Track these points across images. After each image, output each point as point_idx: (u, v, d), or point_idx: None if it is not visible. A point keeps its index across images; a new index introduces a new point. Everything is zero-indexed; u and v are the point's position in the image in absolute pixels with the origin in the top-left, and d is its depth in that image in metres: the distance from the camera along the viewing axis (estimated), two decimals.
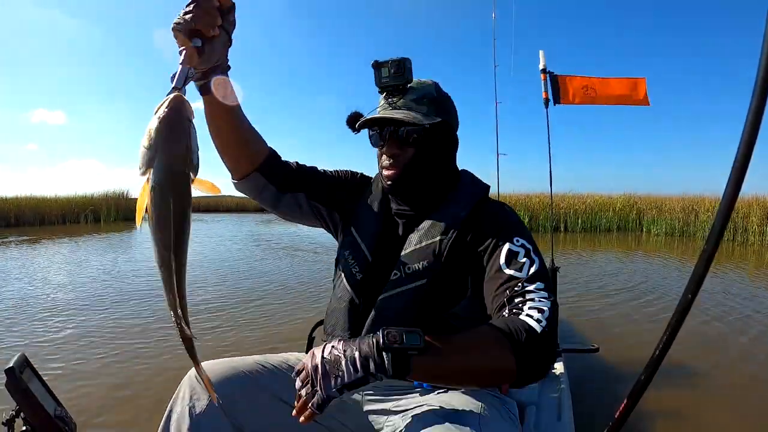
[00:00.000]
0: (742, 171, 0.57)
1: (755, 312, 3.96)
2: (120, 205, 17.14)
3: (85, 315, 3.70)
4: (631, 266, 6.64)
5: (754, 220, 10.32)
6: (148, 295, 4.41)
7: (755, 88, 0.55)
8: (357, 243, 0.99)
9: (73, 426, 0.91)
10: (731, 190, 0.59)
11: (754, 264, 7.28)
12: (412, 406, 0.89)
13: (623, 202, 13.89)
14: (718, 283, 5.21)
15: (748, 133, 0.56)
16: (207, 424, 0.84)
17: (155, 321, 3.52)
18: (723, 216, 0.60)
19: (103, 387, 2.35)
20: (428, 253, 0.90)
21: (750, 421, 2.09)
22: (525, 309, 0.75)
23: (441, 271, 0.88)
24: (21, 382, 0.81)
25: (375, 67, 0.93)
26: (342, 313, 0.96)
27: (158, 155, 0.58)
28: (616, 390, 2.28)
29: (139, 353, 2.83)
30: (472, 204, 0.94)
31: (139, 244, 9.60)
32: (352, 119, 0.99)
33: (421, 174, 0.95)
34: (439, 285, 0.89)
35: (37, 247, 8.53)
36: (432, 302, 0.88)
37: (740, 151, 0.57)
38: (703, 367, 2.68)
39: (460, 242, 0.90)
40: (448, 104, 0.98)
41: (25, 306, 3.97)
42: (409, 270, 0.90)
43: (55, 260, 6.86)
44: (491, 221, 0.90)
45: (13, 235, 10.89)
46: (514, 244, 0.84)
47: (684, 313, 0.65)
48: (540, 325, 0.73)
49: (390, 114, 0.90)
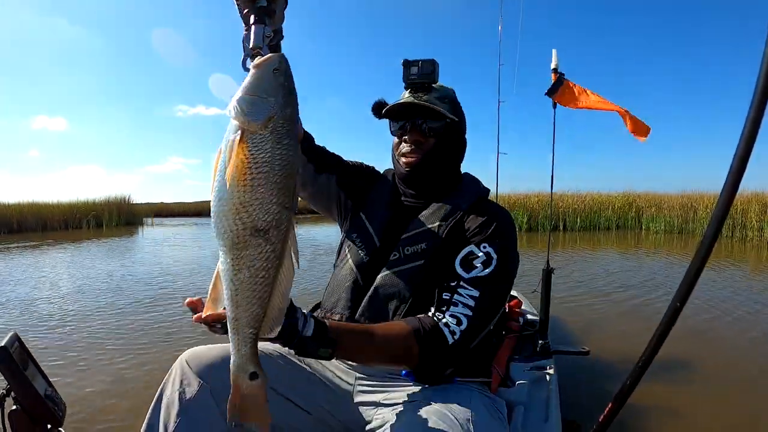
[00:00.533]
0: (735, 186, 0.57)
1: (754, 310, 3.95)
2: (122, 209, 17.24)
3: (90, 320, 3.75)
4: (629, 266, 6.61)
5: (752, 216, 10.33)
6: (153, 297, 4.48)
7: (756, 89, 0.54)
8: (366, 227, 1.04)
9: (62, 406, 0.91)
10: (725, 198, 0.58)
11: (754, 262, 7.24)
12: (401, 400, 0.91)
13: (622, 200, 13.90)
14: (716, 280, 5.20)
15: (743, 149, 0.55)
16: (196, 409, 0.85)
17: (156, 320, 3.59)
18: (714, 229, 0.59)
19: (102, 383, 2.40)
20: (427, 237, 0.95)
21: (741, 419, 2.09)
22: (446, 315, 0.85)
23: (437, 253, 0.93)
24: (12, 361, 0.80)
25: (405, 65, 1.00)
26: (345, 291, 0.99)
27: (285, 106, 0.58)
28: (605, 392, 2.25)
29: (142, 355, 2.87)
30: (473, 200, 1.00)
31: (140, 248, 9.68)
32: (378, 106, 1.05)
33: (437, 165, 1.02)
34: (434, 266, 0.93)
35: (40, 253, 8.59)
36: (427, 282, 0.93)
37: (734, 165, 0.56)
38: (694, 365, 2.69)
39: (457, 230, 0.95)
40: (461, 110, 1.06)
41: (30, 309, 4.03)
42: (408, 251, 0.95)
43: (59, 265, 6.93)
44: (478, 220, 0.95)
45: (16, 241, 10.96)
46: (480, 248, 0.90)
47: (671, 321, 0.66)
48: (453, 337, 0.83)
49: (423, 101, 0.97)
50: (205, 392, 0.86)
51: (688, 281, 0.63)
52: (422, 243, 0.95)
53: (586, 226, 13.51)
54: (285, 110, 0.58)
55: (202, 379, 0.86)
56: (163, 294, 4.64)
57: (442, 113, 0.96)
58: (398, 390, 0.94)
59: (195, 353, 0.91)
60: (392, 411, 0.89)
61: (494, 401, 0.96)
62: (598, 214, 13.63)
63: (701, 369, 2.65)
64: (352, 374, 0.99)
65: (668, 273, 5.94)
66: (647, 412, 2.05)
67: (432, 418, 0.78)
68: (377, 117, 1.06)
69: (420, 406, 0.84)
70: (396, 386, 0.95)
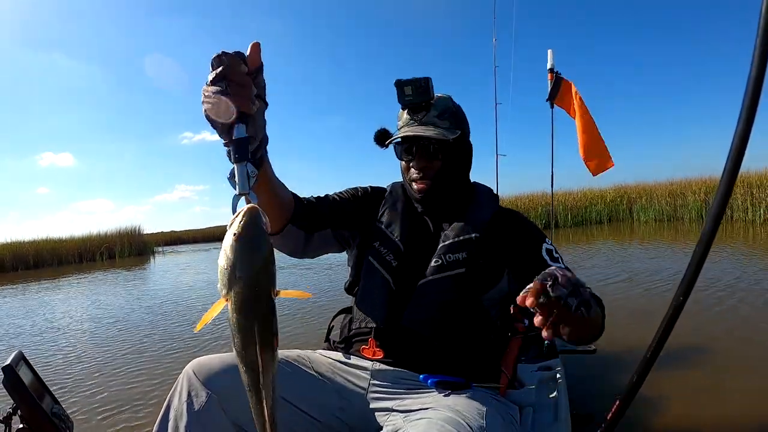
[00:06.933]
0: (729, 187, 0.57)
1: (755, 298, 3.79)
2: (133, 240, 17.83)
3: (99, 341, 3.91)
4: (628, 261, 6.48)
5: (738, 197, 10.49)
6: (159, 319, 4.80)
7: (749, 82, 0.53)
8: (387, 236, 1.05)
9: (70, 424, 0.89)
10: (719, 203, 0.58)
11: (743, 243, 7.17)
12: (414, 407, 0.90)
13: (614, 193, 14.05)
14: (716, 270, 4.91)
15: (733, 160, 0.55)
16: (205, 419, 0.83)
17: (166, 341, 3.90)
18: (713, 219, 0.58)
19: (110, 400, 2.45)
20: (466, 247, 0.99)
21: (749, 412, 2.03)
22: None
23: (477, 262, 0.98)
24: (17, 380, 0.79)
25: (398, 86, 0.98)
26: (378, 296, 1.00)
27: (238, 275, 0.52)
28: (612, 390, 2.21)
29: (151, 373, 2.90)
30: (493, 211, 1.07)
31: (150, 275, 10.21)
32: (380, 136, 1.07)
33: (448, 183, 1.05)
34: (474, 273, 0.98)
35: (55, 287, 9.06)
36: (468, 287, 0.98)
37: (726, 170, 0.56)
38: (702, 360, 2.64)
39: (490, 239, 1.01)
40: (462, 114, 1.06)
41: (42, 335, 4.33)
42: (450, 258, 0.98)
43: (72, 297, 7.41)
44: (517, 225, 1.05)
45: (33, 276, 11.35)
46: (547, 244, 1.00)
47: (674, 316, 0.64)
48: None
49: (422, 132, 0.99)
50: (214, 402, 0.85)
51: (689, 275, 0.61)
52: (462, 252, 0.98)
53: (578, 221, 13.62)
54: (248, 278, 0.53)
55: (209, 389, 0.85)
56: (170, 315, 4.85)
57: (443, 138, 0.98)
58: (411, 396, 0.93)
59: (201, 363, 0.90)
60: (405, 417, 0.88)
61: (507, 406, 0.97)
62: (590, 208, 13.78)
63: (709, 359, 2.60)
64: (366, 380, 0.97)
65: (670, 268, 5.67)
66: (656, 408, 2.04)
67: (445, 425, 0.77)
68: (381, 147, 1.07)
69: (433, 412, 0.83)
70: (409, 392, 0.94)
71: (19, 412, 0.80)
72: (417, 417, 0.84)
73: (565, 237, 10.51)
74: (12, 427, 0.81)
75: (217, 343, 3.20)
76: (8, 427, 0.81)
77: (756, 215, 9.88)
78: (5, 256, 13.92)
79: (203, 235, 29.50)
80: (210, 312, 0.54)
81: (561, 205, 13.65)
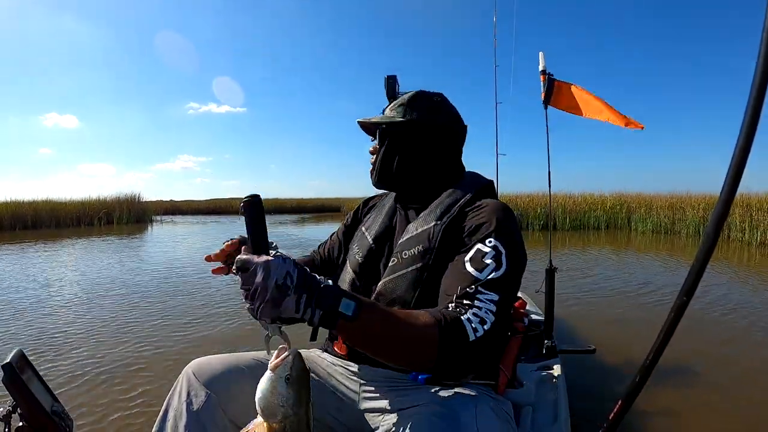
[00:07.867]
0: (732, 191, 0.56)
1: (755, 309, 3.96)
2: (132, 207, 17.90)
3: (94, 313, 3.96)
4: (626, 265, 6.60)
5: (736, 218, 10.54)
6: (158, 294, 4.84)
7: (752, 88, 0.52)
8: (363, 235, 1.08)
9: (69, 422, 0.89)
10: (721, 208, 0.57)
11: (738, 261, 7.27)
12: (407, 405, 0.89)
13: (613, 201, 14.08)
14: (714, 281, 5.17)
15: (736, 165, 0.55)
16: (205, 420, 0.84)
17: (166, 317, 3.95)
18: (716, 222, 0.58)
19: (106, 388, 2.45)
20: (423, 239, 0.92)
21: (747, 420, 2.07)
22: (467, 313, 0.75)
23: (435, 254, 0.89)
24: (17, 378, 0.79)
25: None
26: None
27: (298, 407, 0.64)
28: (612, 391, 2.26)
29: (152, 370, 2.80)
30: (471, 192, 0.96)
31: (149, 244, 10.20)
32: None
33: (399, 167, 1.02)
34: (434, 268, 0.89)
35: (55, 248, 9.10)
36: (428, 284, 0.89)
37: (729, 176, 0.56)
38: (702, 365, 2.68)
39: (455, 227, 0.91)
40: (427, 104, 1.02)
41: (38, 304, 4.34)
42: (406, 255, 0.92)
43: (71, 260, 7.42)
44: (478, 214, 0.91)
45: (31, 237, 11.52)
46: (485, 244, 0.84)
47: (678, 316, 0.64)
48: (475, 334, 0.73)
49: (363, 119, 1.06)
50: (213, 402, 0.85)
51: (694, 273, 0.61)
52: (419, 245, 0.92)
53: (576, 225, 13.67)
54: (299, 411, 0.65)
55: (209, 389, 0.86)
56: (177, 305, 4.74)
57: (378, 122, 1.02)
58: (403, 396, 0.92)
59: (200, 364, 0.92)
60: (398, 416, 0.87)
61: (500, 402, 0.94)
62: (588, 213, 13.80)
63: (702, 369, 2.63)
64: (357, 381, 0.97)
65: (668, 273, 5.87)
66: (655, 410, 2.04)
67: (438, 422, 0.77)
68: None
69: (425, 410, 0.82)
70: (401, 392, 0.93)
71: (19, 410, 0.81)
72: (409, 414, 0.84)
73: (562, 240, 10.55)
74: (11, 425, 0.81)
75: (217, 343, 3.20)
76: (8, 425, 0.81)
77: (753, 237, 9.91)
78: (4, 215, 13.97)
79: (205, 207, 29.42)
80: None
81: (560, 207, 13.62)
